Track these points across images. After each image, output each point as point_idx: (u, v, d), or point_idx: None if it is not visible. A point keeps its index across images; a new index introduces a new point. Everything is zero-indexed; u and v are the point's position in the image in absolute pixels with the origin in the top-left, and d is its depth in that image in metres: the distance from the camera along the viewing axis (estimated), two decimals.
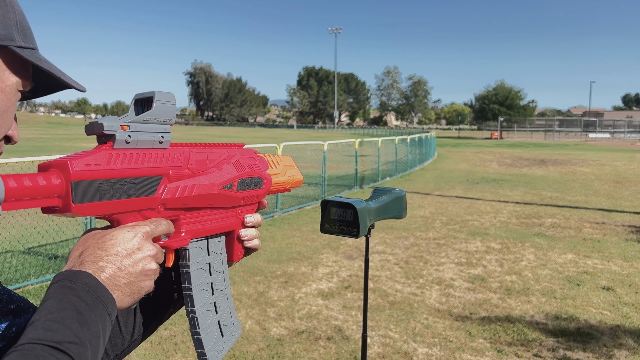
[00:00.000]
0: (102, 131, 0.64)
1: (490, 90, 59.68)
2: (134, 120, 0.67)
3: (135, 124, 0.67)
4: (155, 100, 0.68)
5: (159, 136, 0.70)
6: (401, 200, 1.98)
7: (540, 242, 7.16)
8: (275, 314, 4.47)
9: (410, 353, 3.76)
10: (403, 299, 4.85)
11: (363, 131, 74.06)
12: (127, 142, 0.66)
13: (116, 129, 0.65)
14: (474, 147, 36.36)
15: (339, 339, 3.99)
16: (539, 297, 4.93)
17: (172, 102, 0.71)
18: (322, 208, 1.90)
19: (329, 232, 1.87)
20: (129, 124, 0.66)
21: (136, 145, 0.67)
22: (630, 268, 5.94)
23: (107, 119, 0.65)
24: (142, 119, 0.67)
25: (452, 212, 9.39)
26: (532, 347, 3.85)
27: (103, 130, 0.64)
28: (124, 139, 0.66)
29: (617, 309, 4.66)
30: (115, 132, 0.65)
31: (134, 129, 0.67)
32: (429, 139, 23.68)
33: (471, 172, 17.59)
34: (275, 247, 6.75)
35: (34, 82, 0.69)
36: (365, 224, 1.81)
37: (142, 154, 0.68)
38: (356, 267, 5.83)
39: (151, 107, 0.68)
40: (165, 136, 0.71)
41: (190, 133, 57.50)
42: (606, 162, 21.86)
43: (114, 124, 0.65)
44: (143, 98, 0.69)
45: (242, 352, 3.73)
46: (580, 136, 55.60)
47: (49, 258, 5.83)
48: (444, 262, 6.12)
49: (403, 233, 7.56)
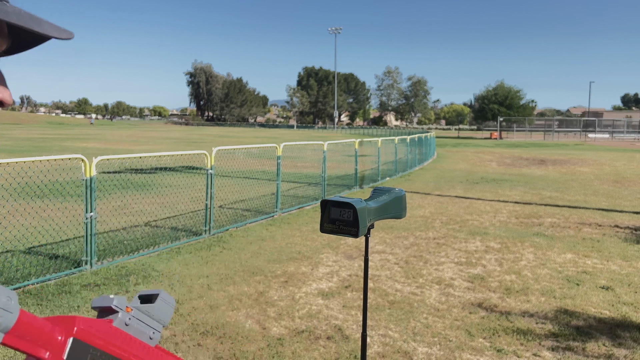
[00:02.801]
0: (111, 305, 0.69)
1: (490, 90, 59.64)
2: (137, 307, 0.72)
3: (137, 311, 0.71)
4: (159, 297, 0.73)
5: (151, 332, 0.73)
6: (401, 200, 1.98)
7: (539, 241, 7.17)
8: (275, 313, 4.48)
9: (410, 352, 3.77)
10: (403, 299, 4.85)
11: (363, 131, 74.03)
12: (126, 325, 0.70)
13: (122, 308, 0.69)
14: (473, 147, 36.37)
15: (339, 338, 3.99)
16: (539, 297, 4.94)
17: (172, 304, 0.75)
18: (321, 208, 1.91)
19: (329, 232, 1.87)
20: (133, 308, 0.71)
21: (132, 332, 0.70)
22: (629, 267, 5.95)
23: (117, 297, 0.70)
24: (144, 309, 0.72)
25: (452, 212, 9.40)
26: (531, 347, 3.86)
27: (112, 304, 0.69)
28: (124, 320, 0.69)
29: (617, 308, 4.67)
30: (119, 310, 0.69)
31: (135, 315, 0.71)
32: (428, 139, 23.70)
33: (471, 172, 17.59)
34: (276, 246, 6.75)
35: (11, 38, 0.61)
36: (364, 223, 1.81)
37: (135, 341, 0.70)
38: (356, 267, 5.84)
39: (154, 302, 0.73)
40: (155, 335, 0.73)
41: (191, 133, 57.48)
42: (605, 162, 21.87)
43: (121, 303, 0.70)
44: (148, 294, 0.75)
45: (242, 352, 3.74)
46: (579, 136, 55.60)
47: (50, 258, 5.84)
48: (444, 261, 6.13)
49: (403, 233, 7.57)
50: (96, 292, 4.91)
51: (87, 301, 4.69)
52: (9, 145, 26.71)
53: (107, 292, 4.94)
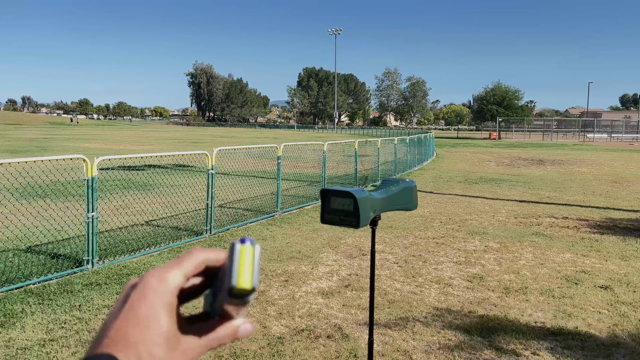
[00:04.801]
0: None
1: (488, 91, 59.65)
2: None
3: None
4: None
5: None
6: (410, 191, 1.90)
7: (538, 241, 7.20)
8: (275, 312, 4.51)
9: (410, 351, 3.80)
10: (402, 298, 4.88)
11: (363, 131, 74.04)
12: None
13: None
14: (472, 147, 36.39)
15: (339, 337, 4.02)
16: (537, 296, 4.97)
17: None
18: (321, 198, 1.82)
19: (329, 223, 1.77)
20: None
21: None
22: (628, 267, 5.98)
23: None
24: None
25: (451, 212, 9.43)
26: (530, 346, 3.89)
27: None
28: None
29: (615, 307, 4.71)
30: None
31: None
32: (427, 139, 23.71)
33: (470, 172, 17.62)
34: (276, 246, 6.78)
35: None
36: (366, 214, 1.72)
37: None
38: (356, 266, 5.87)
39: None
40: None
41: (192, 133, 57.48)
42: (604, 162, 21.91)
43: None
44: None
45: (242, 351, 3.77)
46: (578, 136, 55.61)
47: (51, 257, 5.87)
48: (443, 261, 6.16)
49: (402, 232, 7.60)
50: (97, 292, 4.94)
51: (89, 300, 4.72)
52: (12, 146, 26.72)
53: (108, 291, 4.97)
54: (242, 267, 0.47)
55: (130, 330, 0.46)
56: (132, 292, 0.48)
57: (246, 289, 0.46)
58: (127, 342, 0.45)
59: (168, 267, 0.49)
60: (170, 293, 0.47)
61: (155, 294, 0.47)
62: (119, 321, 0.46)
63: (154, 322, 0.46)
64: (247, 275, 0.47)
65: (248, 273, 0.47)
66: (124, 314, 0.46)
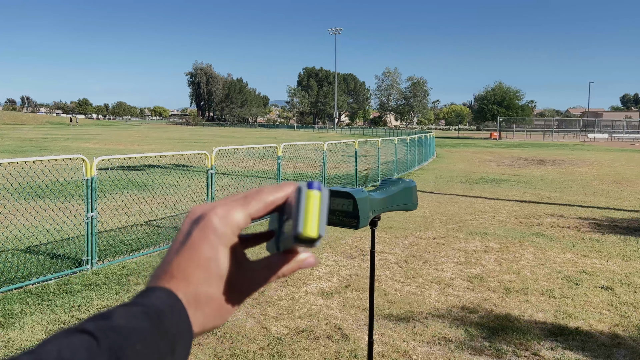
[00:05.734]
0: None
1: (489, 91, 59.66)
2: None
3: None
4: None
5: None
6: (410, 191, 1.88)
7: (539, 241, 7.19)
8: (275, 312, 4.49)
9: (410, 352, 3.78)
10: (402, 298, 4.87)
11: (363, 131, 74.04)
12: None
13: None
14: (473, 147, 36.38)
15: (339, 337, 4.01)
16: (538, 297, 4.96)
17: None
18: None
19: (329, 223, 1.77)
20: None
21: None
22: (628, 267, 5.97)
23: None
24: None
25: (451, 212, 9.41)
26: (530, 346, 3.88)
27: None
28: None
29: (616, 308, 4.69)
30: None
31: None
32: (428, 139, 23.69)
33: (470, 172, 17.61)
34: None
35: None
36: (366, 214, 1.70)
37: None
38: (356, 267, 5.86)
39: None
40: None
41: (191, 133, 57.48)
42: (605, 162, 21.89)
43: None
44: None
45: (242, 351, 3.76)
46: (578, 136, 55.60)
47: (51, 257, 5.85)
48: (443, 261, 6.14)
49: (402, 232, 7.58)
50: (97, 292, 4.93)
51: (88, 301, 4.71)
52: (11, 146, 26.71)
53: (107, 291, 4.95)
54: (309, 215, 0.46)
55: (190, 270, 0.46)
56: (194, 229, 0.48)
57: (312, 237, 0.46)
58: (187, 282, 0.46)
59: (233, 206, 0.49)
60: (232, 234, 0.48)
61: (217, 234, 0.47)
62: (179, 257, 0.47)
63: (213, 264, 0.47)
64: (314, 224, 0.46)
65: (315, 221, 0.46)
66: (185, 251, 0.47)
